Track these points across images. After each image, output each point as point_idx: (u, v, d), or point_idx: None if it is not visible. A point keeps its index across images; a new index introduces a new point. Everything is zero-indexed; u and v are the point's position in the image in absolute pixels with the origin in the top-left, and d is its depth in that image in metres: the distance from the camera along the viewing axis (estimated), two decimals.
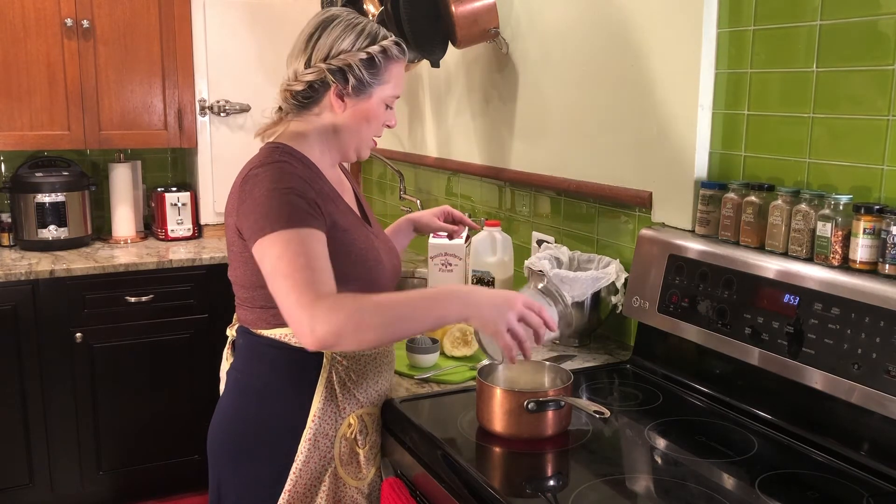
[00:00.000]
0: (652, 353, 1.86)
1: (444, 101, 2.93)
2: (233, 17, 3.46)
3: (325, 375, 1.53)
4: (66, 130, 3.25)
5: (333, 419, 1.55)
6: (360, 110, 1.54)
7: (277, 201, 1.41)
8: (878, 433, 1.36)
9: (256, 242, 1.40)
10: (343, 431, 1.56)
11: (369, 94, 1.53)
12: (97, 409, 3.08)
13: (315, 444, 1.53)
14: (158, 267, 3.13)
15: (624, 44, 2.02)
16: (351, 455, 1.58)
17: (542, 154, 2.38)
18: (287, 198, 1.41)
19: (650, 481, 1.38)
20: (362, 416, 1.59)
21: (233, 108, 3.51)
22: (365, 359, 1.58)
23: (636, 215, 2.05)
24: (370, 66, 1.51)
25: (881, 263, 1.40)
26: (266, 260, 1.39)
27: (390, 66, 1.54)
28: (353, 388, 1.56)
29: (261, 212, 1.41)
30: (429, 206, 3.13)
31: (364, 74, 1.51)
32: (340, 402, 1.55)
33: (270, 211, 1.40)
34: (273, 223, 1.39)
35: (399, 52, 1.55)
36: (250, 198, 1.44)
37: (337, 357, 1.53)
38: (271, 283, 1.39)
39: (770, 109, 1.67)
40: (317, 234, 1.41)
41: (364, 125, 1.56)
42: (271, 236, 1.38)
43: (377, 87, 1.53)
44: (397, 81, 1.56)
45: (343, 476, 1.57)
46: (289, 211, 1.40)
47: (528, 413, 1.44)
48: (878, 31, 1.44)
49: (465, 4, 2.38)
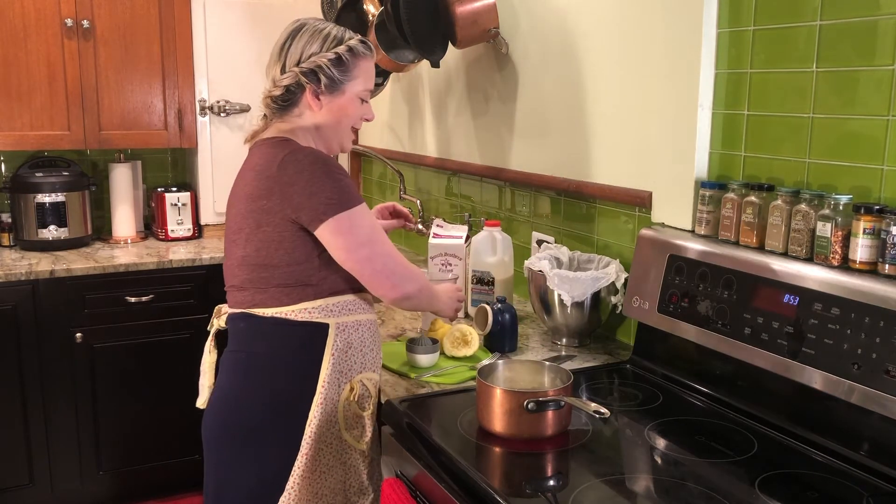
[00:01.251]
0: (652, 353, 1.86)
1: (444, 101, 2.93)
2: (233, 17, 3.46)
3: (330, 344, 1.63)
4: (66, 130, 3.25)
5: (338, 384, 1.65)
6: (336, 106, 1.67)
7: (342, 182, 1.58)
8: (878, 433, 1.36)
9: (338, 216, 1.56)
10: (346, 395, 1.66)
11: (342, 90, 1.66)
12: (97, 409, 3.08)
13: (324, 408, 1.63)
14: (158, 267, 3.13)
15: (624, 44, 2.02)
16: (356, 419, 1.67)
17: (542, 154, 2.38)
18: (344, 178, 1.60)
19: (650, 481, 1.38)
20: (362, 380, 1.68)
21: (233, 108, 3.51)
22: (363, 327, 1.69)
23: (636, 215, 2.05)
24: (339, 64, 1.64)
25: (881, 263, 1.40)
26: (356, 231, 1.59)
27: (358, 62, 1.66)
28: (355, 353, 1.67)
29: (331, 190, 1.56)
30: (429, 206, 3.13)
31: (334, 73, 1.63)
32: (344, 369, 1.65)
33: (342, 189, 1.57)
34: (349, 200, 1.57)
35: (365, 49, 1.68)
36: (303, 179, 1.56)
37: (341, 326, 1.65)
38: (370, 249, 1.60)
39: (770, 109, 1.67)
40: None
41: (342, 120, 1.69)
42: (357, 210, 1.58)
43: (348, 83, 1.66)
44: (366, 76, 1.69)
45: (348, 439, 1.66)
46: (352, 189, 1.60)
47: (528, 413, 1.44)
48: (878, 31, 1.44)
49: (465, 4, 2.38)
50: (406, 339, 1.93)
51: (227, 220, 1.71)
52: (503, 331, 1.96)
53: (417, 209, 3.04)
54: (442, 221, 2.54)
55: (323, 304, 1.63)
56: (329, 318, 1.63)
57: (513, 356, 1.94)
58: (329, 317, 1.63)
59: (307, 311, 1.62)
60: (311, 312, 1.62)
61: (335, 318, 1.64)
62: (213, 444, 1.68)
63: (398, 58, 2.73)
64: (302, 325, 1.62)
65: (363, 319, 1.69)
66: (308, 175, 1.56)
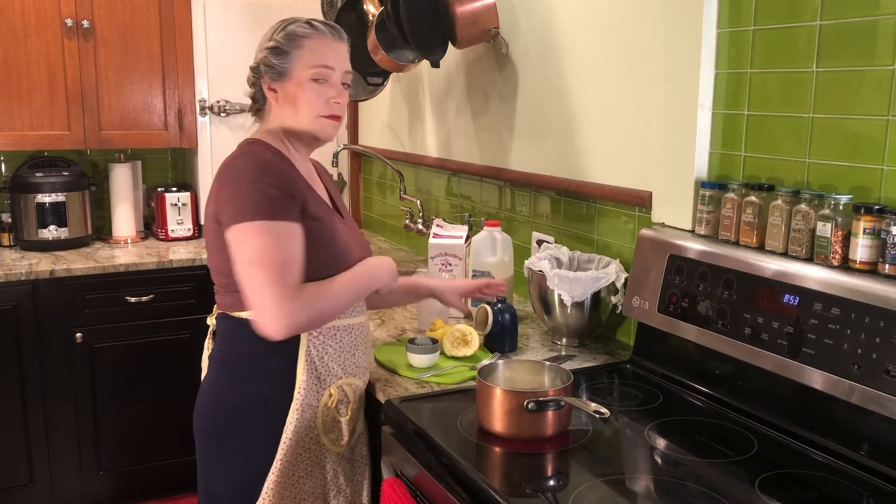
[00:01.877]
0: (652, 353, 1.86)
1: (444, 101, 2.93)
2: (233, 17, 3.46)
3: (304, 349, 1.62)
4: (66, 130, 3.25)
5: (316, 390, 1.65)
6: (288, 93, 1.64)
7: (259, 192, 1.52)
8: (878, 433, 1.36)
9: (234, 227, 1.52)
10: (325, 401, 1.66)
11: (288, 75, 1.63)
12: (97, 408, 3.08)
13: (302, 414, 1.63)
14: (158, 267, 3.13)
15: (624, 44, 2.02)
16: (333, 423, 1.68)
17: (542, 154, 2.38)
18: (268, 189, 1.53)
19: (650, 481, 1.38)
20: (342, 386, 1.68)
21: (233, 108, 3.51)
22: (340, 333, 1.67)
23: (636, 215, 2.05)
24: (275, 50, 1.63)
25: (881, 263, 1.40)
26: (244, 247, 1.51)
27: (300, 42, 1.63)
28: (331, 360, 1.66)
29: (243, 199, 1.52)
30: (428, 206, 3.13)
31: (273, 60, 1.63)
32: (321, 374, 1.65)
33: (251, 200, 1.52)
34: (255, 212, 1.51)
35: (306, 30, 1.64)
36: (229, 186, 1.55)
37: (313, 332, 1.63)
38: (246, 271, 1.51)
39: (770, 109, 1.67)
40: (294, 228, 1.55)
41: (299, 105, 1.63)
42: (252, 224, 1.51)
43: (291, 65, 1.62)
44: (312, 55, 1.62)
45: (325, 443, 1.67)
46: (270, 203, 1.52)
47: (528, 413, 1.44)
48: (878, 31, 1.44)
49: (465, 4, 2.38)
50: (406, 339, 1.93)
51: None
52: (503, 331, 1.96)
53: (417, 209, 3.04)
54: (442, 221, 2.54)
55: None
56: None
57: (513, 356, 1.94)
58: None
59: None
60: None
61: None
62: (200, 439, 1.72)
63: (398, 58, 2.73)
64: None
65: (342, 325, 1.67)
66: (236, 181, 1.55)
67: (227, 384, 1.66)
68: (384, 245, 3.43)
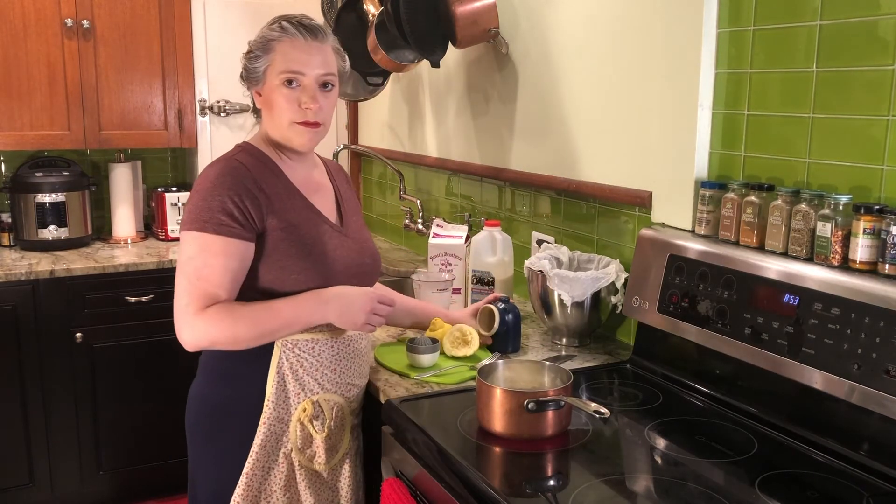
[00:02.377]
0: (652, 353, 1.86)
1: (444, 101, 2.93)
2: (233, 17, 3.46)
3: (275, 360, 1.60)
4: (66, 130, 3.25)
5: (287, 404, 1.62)
6: (265, 96, 1.63)
7: (206, 203, 1.54)
8: (878, 433, 1.36)
9: (181, 232, 1.56)
10: (298, 415, 1.62)
11: (263, 79, 1.62)
12: (97, 409, 3.08)
13: (270, 427, 1.61)
14: (158, 267, 3.13)
15: (624, 44, 2.02)
16: (307, 440, 1.64)
17: (542, 154, 2.38)
18: (217, 202, 1.53)
19: (650, 481, 1.38)
20: (318, 401, 1.64)
21: (233, 108, 3.52)
22: (319, 345, 1.63)
23: (636, 215, 2.05)
24: (251, 57, 1.64)
25: (881, 263, 1.40)
26: (180, 253, 1.56)
27: (270, 46, 1.60)
28: (306, 374, 1.62)
29: (193, 206, 1.55)
30: (428, 206, 3.13)
31: (248, 64, 1.64)
32: (293, 388, 1.62)
33: (196, 209, 1.54)
34: (193, 221, 1.53)
35: (277, 32, 1.61)
36: (193, 192, 1.58)
37: (288, 343, 1.60)
38: (176, 276, 1.55)
39: (770, 109, 1.67)
40: (230, 245, 1.53)
41: (273, 110, 1.61)
42: (188, 233, 1.54)
43: (263, 68, 1.61)
44: (282, 57, 1.59)
45: (299, 459, 1.64)
46: (211, 216, 1.52)
47: (528, 413, 1.44)
48: (878, 31, 1.44)
49: (465, 4, 2.38)
50: (406, 339, 1.93)
51: None
52: (508, 332, 1.94)
53: (417, 209, 3.04)
54: (442, 221, 2.54)
55: None
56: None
57: (514, 356, 1.94)
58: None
59: None
60: None
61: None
62: (187, 438, 1.71)
63: (398, 58, 2.73)
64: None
65: (323, 338, 1.63)
66: (198, 188, 1.57)
67: (205, 387, 1.67)
68: (384, 245, 3.43)
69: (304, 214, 1.63)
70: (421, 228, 3.00)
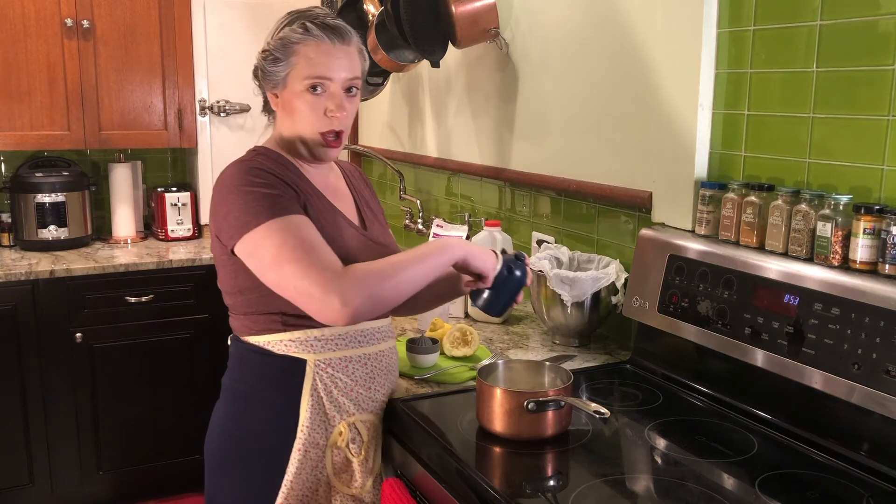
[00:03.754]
0: (652, 353, 1.86)
1: (444, 101, 2.93)
2: (233, 17, 3.46)
3: (308, 383, 1.50)
4: (66, 130, 3.25)
5: (323, 428, 1.52)
6: (285, 101, 1.52)
7: (253, 196, 1.41)
8: (878, 433, 1.36)
9: (242, 239, 1.40)
10: (334, 440, 1.53)
11: (284, 83, 1.50)
12: (97, 409, 3.08)
13: (306, 454, 1.51)
14: (158, 267, 3.13)
15: (624, 44, 2.02)
16: (344, 464, 1.56)
17: (542, 154, 2.38)
18: (261, 191, 1.42)
19: (650, 481, 1.38)
20: (354, 423, 1.55)
21: (233, 108, 3.52)
22: (353, 364, 1.54)
23: (636, 215, 2.05)
24: (269, 57, 1.50)
25: (881, 263, 1.40)
26: (262, 252, 1.39)
27: (294, 49, 1.48)
28: (341, 394, 1.53)
29: (240, 209, 1.41)
30: (428, 206, 3.13)
31: (266, 66, 1.51)
32: (328, 410, 1.52)
33: (248, 206, 1.40)
34: (258, 216, 1.39)
35: (302, 34, 1.48)
36: (221, 199, 1.45)
37: (321, 363, 1.51)
38: (276, 273, 1.38)
39: (770, 109, 1.67)
40: (305, 219, 1.43)
41: (294, 116, 1.51)
42: (260, 229, 1.39)
43: (285, 73, 1.49)
44: (307, 63, 1.47)
45: (336, 485, 1.55)
46: (268, 202, 1.41)
47: (528, 413, 1.44)
48: (878, 31, 1.44)
49: (465, 4, 2.38)
50: (406, 339, 1.93)
51: None
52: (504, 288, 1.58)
53: (417, 209, 3.04)
54: (442, 221, 2.54)
55: (302, 337, 1.49)
56: (307, 353, 1.50)
57: (512, 355, 1.94)
58: (308, 352, 1.50)
59: (283, 343, 1.49)
60: (287, 345, 1.49)
61: (315, 353, 1.50)
62: (207, 464, 1.61)
63: (398, 58, 2.74)
64: (280, 358, 1.50)
65: (356, 355, 1.54)
66: (226, 192, 1.44)
67: (230, 414, 1.56)
68: None
69: (330, 217, 1.53)
70: (421, 228, 3.00)
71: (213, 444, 1.58)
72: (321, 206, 1.53)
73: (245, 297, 1.50)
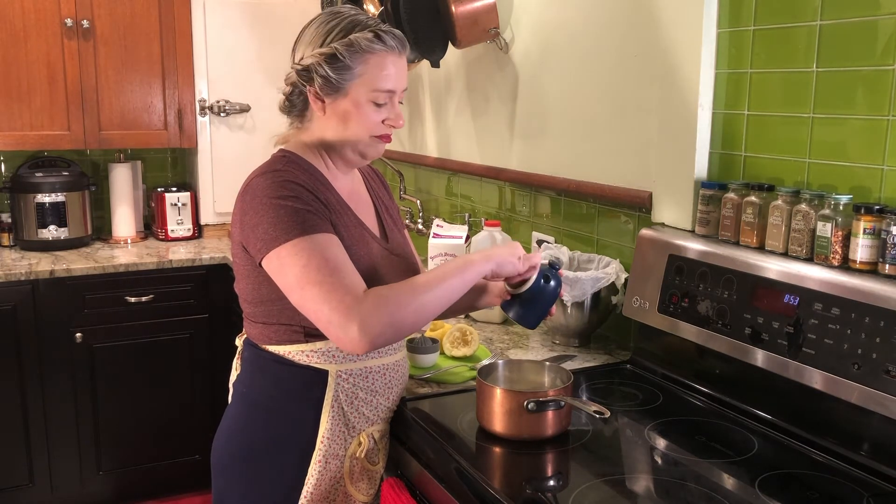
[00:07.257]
0: (652, 353, 1.86)
1: (444, 101, 2.93)
2: (233, 17, 3.46)
3: (330, 394, 1.49)
4: (66, 130, 3.25)
5: (343, 438, 1.51)
6: (339, 109, 1.47)
7: (284, 210, 1.38)
8: (878, 433, 1.36)
9: (270, 253, 1.38)
10: (353, 450, 1.52)
11: (344, 91, 1.45)
12: (97, 409, 3.08)
13: (326, 465, 1.50)
14: (158, 267, 3.13)
15: (624, 44, 2.02)
16: (362, 472, 1.55)
17: (542, 154, 2.38)
18: (292, 206, 1.39)
19: (650, 481, 1.38)
20: (372, 433, 1.55)
21: (233, 108, 3.51)
22: (373, 374, 1.53)
23: (636, 215, 2.05)
24: (333, 61, 1.43)
25: (881, 263, 1.40)
26: (288, 270, 1.36)
27: (364, 58, 1.44)
28: (362, 405, 1.52)
29: (269, 222, 1.38)
30: (428, 206, 3.13)
31: (328, 71, 1.43)
32: (350, 421, 1.51)
33: (279, 221, 1.37)
34: (287, 232, 1.37)
35: (374, 44, 1.44)
36: (252, 210, 1.42)
37: (342, 374, 1.49)
38: (298, 295, 1.36)
39: (770, 109, 1.67)
40: (333, 238, 1.40)
41: (349, 125, 1.47)
42: (287, 246, 1.36)
43: (349, 82, 1.44)
44: (376, 74, 1.44)
45: (353, 493, 1.54)
46: (299, 219, 1.38)
47: (528, 413, 1.44)
48: (878, 31, 1.44)
49: (465, 4, 2.38)
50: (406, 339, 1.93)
51: None
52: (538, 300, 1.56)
53: (417, 209, 3.04)
54: (442, 221, 2.54)
55: (324, 348, 1.47)
56: (329, 363, 1.48)
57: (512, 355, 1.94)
58: (329, 362, 1.48)
59: (305, 353, 1.48)
60: (308, 356, 1.48)
61: (337, 364, 1.48)
62: (216, 470, 1.58)
63: None
64: (300, 368, 1.48)
65: (376, 365, 1.53)
66: (257, 202, 1.40)
67: (245, 423, 1.53)
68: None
69: (356, 233, 1.51)
70: (421, 228, 3.00)
71: (224, 455, 1.55)
72: (348, 221, 1.51)
73: (266, 307, 1.48)
